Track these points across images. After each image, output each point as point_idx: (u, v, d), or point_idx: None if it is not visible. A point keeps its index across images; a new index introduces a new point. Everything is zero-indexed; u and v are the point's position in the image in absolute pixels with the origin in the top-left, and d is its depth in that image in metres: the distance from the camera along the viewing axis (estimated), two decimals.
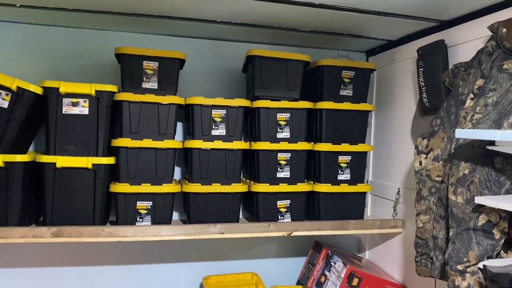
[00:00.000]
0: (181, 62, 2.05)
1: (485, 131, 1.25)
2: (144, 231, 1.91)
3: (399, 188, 2.20)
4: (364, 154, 2.26)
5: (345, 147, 2.18)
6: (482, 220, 1.32)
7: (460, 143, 1.46)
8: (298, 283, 2.46)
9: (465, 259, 1.32)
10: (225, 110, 2.05)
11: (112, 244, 2.21)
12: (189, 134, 2.15)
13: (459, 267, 1.32)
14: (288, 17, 1.97)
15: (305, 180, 2.20)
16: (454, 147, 1.49)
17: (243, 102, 2.06)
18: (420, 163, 1.64)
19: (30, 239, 1.80)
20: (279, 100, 2.09)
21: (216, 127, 2.05)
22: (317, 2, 1.73)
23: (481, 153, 1.36)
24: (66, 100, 1.86)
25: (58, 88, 1.83)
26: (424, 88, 1.91)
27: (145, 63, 1.96)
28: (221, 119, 2.05)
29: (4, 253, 2.15)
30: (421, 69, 1.93)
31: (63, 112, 1.86)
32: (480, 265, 1.25)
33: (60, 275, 2.23)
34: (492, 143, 1.31)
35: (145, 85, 1.97)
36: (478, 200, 1.26)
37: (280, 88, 2.10)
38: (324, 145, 2.14)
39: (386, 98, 2.38)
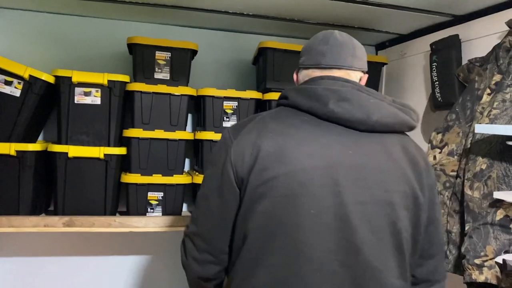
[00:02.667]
0: (194, 53, 2.04)
1: (505, 126, 1.25)
2: (155, 222, 1.91)
3: None
4: None
5: None
6: (500, 215, 1.33)
7: (477, 138, 1.46)
8: None
9: (482, 253, 1.33)
10: (236, 102, 2.04)
11: (121, 234, 2.21)
12: (199, 125, 2.14)
13: (477, 261, 1.33)
14: (301, 9, 1.96)
15: None
16: (470, 142, 1.50)
17: (255, 94, 2.06)
18: (434, 157, 1.65)
19: (42, 228, 1.79)
20: None
21: (228, 119, 2.04)
22: None
23: (499, 149, 1.37)
24: (78, 90, 1.85)
25: (70, 78, 1.82)
26: (437, 82, 1.91)
27: (157, 53, 1.95)
28: (232, 111, 2.04)
29: (7, 242, 2.14)
30: (434, 64, 1.93)
31: (75, 102, 1.85)
32: (498, 259, 1.26)
33: (67, 264, 2.23)
34: (511, 138, 1.31)
35: (157, 75, 1.96)
36: (497, 195, 1.27)
37: (292, 81, 2.09)
38: None
39: (396, 92, 2.38)
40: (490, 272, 1.31)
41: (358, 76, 1.18)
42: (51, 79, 1.82)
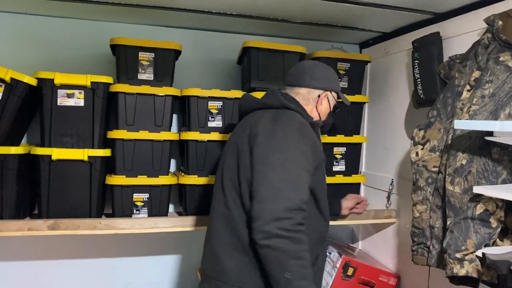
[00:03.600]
0: (177, 53, 2.03)
1: (484, 122, 1.27)
2: (141, 223, 1.90)
3: (392, 179, 2.23)
4: (359, 146, 2.29)
5: (340, 138, 2.20)
6: (479, 209, 1.35)
7: (457, 134, 1.48)
8: None
9: (463, 247, 1.35)
10: (221, 102, 2.04)
11: (107, 237, 2.20)
12: (185, 125, 2.14)
13: (458, 255, 1.35)
14: (284, 9, 1.97)
15: None
16: (451, 138, 1.52)
17: (239, 94, 2.06)
18: (417, 154, 1.67)
19: (26, 232, 1.78)
20: None
21: (213, 119, 2.04)
22: None
23: (479, 144, 1.39)
24: (61, 92, 1.84)
25: (53, 80, 1.81)
26: (419, 80, 1.93)
27: (141, 54, 1.94)
28: (217, 111, 2.04)
29: None
30: (416, 61, 1.95)
31: (58, 104, 1.84)
32: (478, 253, 1.28)
33: (53, 268, 2.22)
34: (490, 133, 1.33)
35: (141, 76, 1.95)
36: (476, 189, 1.29)
37: (277, 80, 2.10)
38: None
39: (379, 90, 2.40)
40: (471, 265, 1.33)
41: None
42: (33, 82, 1.81)
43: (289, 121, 1.41)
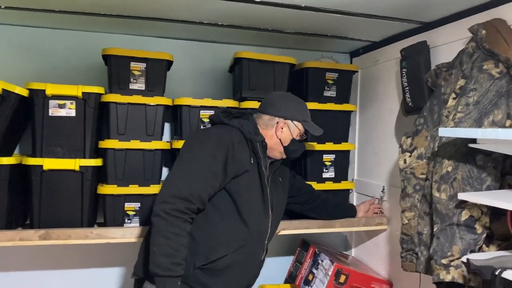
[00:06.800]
0: (169, 63, 2.06)
1: (467, 129, 1.29)
2: (133, 232, 1.91)
3: (383, 186, 2.24)
4: (347, 153, 2.31)
5: (329, 146, 2.23)
6: (465, 215, 1.37)
7: (443, 141, 1.50)
8: (286, 281, 2.49)
9: (449, 254, 1.36)
10: (213, 111, 2.06)
11: (99, 246, 2.20)
12: (176, 134, 2.15)
13: (444, 261, 1.36)
14: (274, 19, 2.00)
15: None
16: (437, 145, 1.54)
17: (231, 103, 2.08)
18: (405, 161, 1.68)
19: (17, 242, 1.78)
20: None
21: (205, 126, 2.06)
22: (303, 5, 1.76)
23: (464, 151, 1.41)
24: (52, 102, 1.85)
25: (44, 90, 1.82)
26: (407, 88, 1.96)
27: (132, 64, 1.96)
28: (209, 120, 2.06)
29: None
30: (404, 70, 1.98)
31: (50, 114, 1.85)
32: (464, 259, 1.29)
33: (45, 278, 2.22)
34: (474, 141, 1.35)
35: (132, 86, 1.97)
36: (461, 196, 1.31)
37: (267, 90, 2.12)
38: (309, 144, 2.18)
39: (370, 98, 2.43)
40: (457, 271, 1.34)
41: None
42: (24, 93, 1.82)
43: (211, 131, 1.69)
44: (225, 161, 1.56)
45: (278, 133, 1.72)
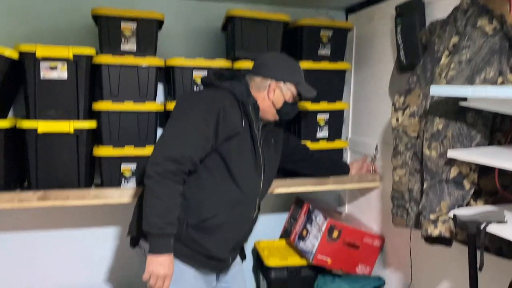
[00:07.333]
0: (160, 23, 2.02)
1: (457, 87, 1.30)
2: (129, 193, 1.94)
3: (377, 144, 2.27)
4: (341, 112, 2.32)
5: (323, 105, 2.23)
6: (453, 172, 1.40)
7: (435, 99, 1.51)
8: (281, 237, 2.56)
9: (437, 209, 1.40)
10: (206, 72, 2.05)
11: (97, 207, 2.24)
12: (170, 95, 2.15)
13: (432, 216, 1.40)
14: None
15: None
16: (429, 103, 1.54)
17: (224, 63, 2.07)
18: (397, 119, 1.69)
19: (16, 203, 1.82)
20: None
21: (198, 88, 2.05)
22: None
23: (454, 109, 1.42)
24: (43, 65, 1.83)
25: (34, 53, 1.80)
26: (401, 45, 1.94)
27: (123, 24, 1.93)
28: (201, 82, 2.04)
29: None
30: (399, 27, 1.95)
31: (41, 77, 1.84)
32: (451, 214, 1.33)
33: (43, 238, 2.27)
34: (465, 99, 1.36)
35: (123, 47, 1.95)
36: (450, 153, 1.33)
37: (261, 49, 2.10)
38: (304, 104, 2.18)
39: (365, 55, 2.41)
40: (444, 226, 1.38)
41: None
42: (14, 55, 1.80)
43: (202, 94, 1.72)
44: (216, 124, 1.57)
45: (270, 95, 1.71)
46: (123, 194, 1.93)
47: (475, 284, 1.27)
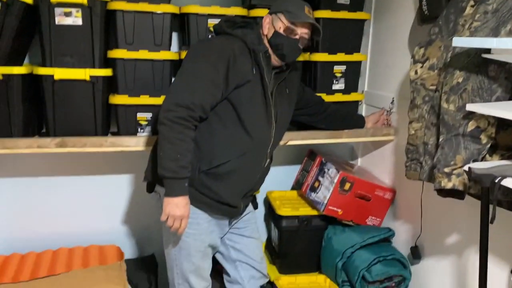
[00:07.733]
0: None
1: (482, 39, 1.26)
2: (145, 141, 1.97)
3: (393, 97, 2.24)
4: (358, 64, 2.27)
5: (340, 56, 2.19)
6: (471, 126, 1.38)
7: (456, 51, 1.47)
8: (293, 188, 2.60)
9: (452, 162, 1.40)
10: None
11: (113, 154, 2.28)
12: (184, 44, 2.13)
13: (446, 169, 1.41)
14: None
15: None
16: (450, 56, 1.51)
17: (239, 11, 2.02)
18: (416, 72, 1.66)
19: (35, 149, 1.86)
20: None
21: (211, 37, 2.02)
22: None
23: (476, 62, 1.39)
24: (58, 10, 1.81)
25: None
26: None
27: None
28: (213, 30, 2.01)
29: (5, 163, 2.21)
30: None
31: (56, 23, 1.82)
32: (466, 167, 1.33)
33: (60, 184, 2.32)
34: (488, 51, 1.32)
35: None
36: (469, 107, 1.31)
37: None
38: (320, 55, 2.14)
39: (385, 6, 2.33)
40: (458, 179, 1.39)
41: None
42: (29, 0, 1.78)
43: (213, 41, 1.72)
44: (226, 72, 1.58)
45: (265, 30, 1.69)
46: (140, 142, 1.96)
47: (486, 237, 1.29)
